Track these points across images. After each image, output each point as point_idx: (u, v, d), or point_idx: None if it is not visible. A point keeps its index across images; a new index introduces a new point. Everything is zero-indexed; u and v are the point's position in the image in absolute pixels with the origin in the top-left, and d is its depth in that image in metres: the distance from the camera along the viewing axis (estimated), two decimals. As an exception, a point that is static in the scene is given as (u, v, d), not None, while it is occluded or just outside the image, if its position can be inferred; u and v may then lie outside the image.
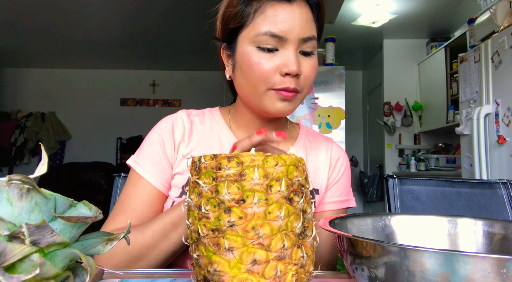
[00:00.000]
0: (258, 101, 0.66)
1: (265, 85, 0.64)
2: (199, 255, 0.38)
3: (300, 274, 0.38)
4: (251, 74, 0.64)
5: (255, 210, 0.36)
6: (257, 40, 0.63)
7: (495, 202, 0.92)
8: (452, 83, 3.82)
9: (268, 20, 0.62)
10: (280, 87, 0.63)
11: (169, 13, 3.71)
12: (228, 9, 0.67)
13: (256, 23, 0.63)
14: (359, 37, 4.34)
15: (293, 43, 0.62)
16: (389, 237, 0.57)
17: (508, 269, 0.32)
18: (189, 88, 5.56)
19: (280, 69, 0.62)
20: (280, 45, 0.63)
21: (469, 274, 0.33)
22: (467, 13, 3.33)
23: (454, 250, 0.54)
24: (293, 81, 0.63)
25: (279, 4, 0.62)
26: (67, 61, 5.25)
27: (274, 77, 0.63)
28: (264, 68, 0.62)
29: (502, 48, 2.27)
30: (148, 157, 0.72)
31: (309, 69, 0.65)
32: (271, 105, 0.65)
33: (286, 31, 0.62)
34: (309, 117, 2.74)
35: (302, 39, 0.63)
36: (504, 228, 0.52)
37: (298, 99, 0.67)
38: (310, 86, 0.68)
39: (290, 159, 0.39)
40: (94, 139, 5.47)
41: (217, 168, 0.37)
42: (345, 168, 0.80)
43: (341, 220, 0.54)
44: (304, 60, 0.65)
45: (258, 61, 0.63)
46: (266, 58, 0.63)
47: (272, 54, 0.63)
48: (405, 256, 0.36)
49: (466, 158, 2.64)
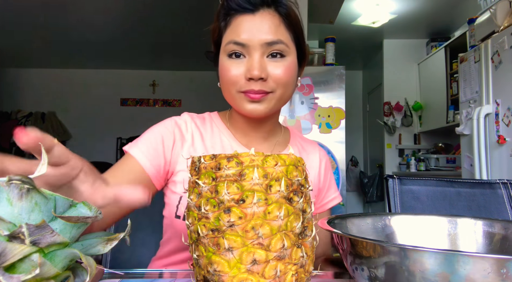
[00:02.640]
0: (233, 104, 0.73)
1: (234, 88, 0.70)
2: (199, 255, 0.38)
3: (300, 274, 0.38)
4: (224, 80, 0.71)
5: (255, 210, 0.36)
6: (226, 49, 0.70)
7: (495, 202, 0.92)
8: (452, 83, 3.82)
9: (233, 31, 0.70)
10: (243, 90, 0.69)
11: (169, 13, 3.71)
12: (212, 25, 0.76)
13: (226, 35, 0.71)
14: (359, 37, 4.34)
15: (256, 49, 0.68)
16: (389, 237, 0.57)
17: (508, 269, 0.32)
18: (189, 88, 5.56)
19: (245, 74, 0.68)
20: (245, 52, 0.69)
21: (469, 274, 0.33)
22: (467, 13, 3.33)
23: (454, 250, 0.54)
24: (258, 84, 0.68)
25: (243, 16, 0.69)
26: (67, 61, 5.25)
27: (240, 82, 0.69)
28: (232, 74, 0.69)
29: (502, 48, 2.27)
30: (145, 141, 0.74)
31: (279, 72, 0.69)
32: (242, 107, 0.71)
33: (248, 39, 0.68)
34: (309, 117, 2.74)
35: (265, 43, 0.68)
36: (504, 228, 0.53)
37: (272, 100, 0.71)
38: (287, 86, 0.71)
39: (290, 158, 0.39)
40: (94, 139, 5.47)
41: (216, 168, 0.37)
42: (329, 168, 0.89)
43: (341, 220, 0.54)
44: (272, 63, 0.69)
45: (228, 68, 0.69)
46: (234, 65, 0.69)
47: (239, 60, 0.69)
48: (405, 256, 0.36)
49: (466, 158, 2.64)
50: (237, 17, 0.70)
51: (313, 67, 2.83)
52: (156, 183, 0.72)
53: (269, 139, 0.82)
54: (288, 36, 0.71)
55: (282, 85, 0.70)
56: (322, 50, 2.92)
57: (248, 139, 0.80)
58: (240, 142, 0.79)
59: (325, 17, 3.43)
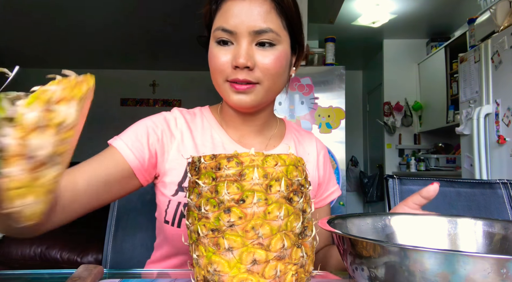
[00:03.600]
0: (221, 94, 0.69)
1: (221, 77, 0.67)
2: (199, 255, 0.38)
3: (300, 273, 0.38)
4: (212, 68, 0.68)
5: (255, 210, 0.36)
6: (215, 35, 0.66)
7: (495, 202, 0.92)
8: (452, 83, 3.81)
9: (222, 16, 0.66)
10: (231, 79, 0.65)
11: (169, 13, 3.71)
12: (205, 7, 0.71)
13: (216, 20, 0.67)
14: (359, 37, 4.34)
15: (244, 37, 0.64)
16: (389, 237, 0.57)
17: (508, 269, 0.32)
18: (189, 88, 5.56)
19: (231, 61, 0.65)
20: (233, 39, 0.65)
21: (469, 274, 0.33)
22: (467, 13, 3.32)
23: (454, 250, 0.54)
24: (244, 73, 0.64)
25: (232, 1, 0.65)
26: (67, 61, 5.25)
27: (227, 70, 0.65)
28: (220, 61, 0.65)
29: (502, 48, 2.27)
30: (129, 133, 0.70)
31: (267, 61, 0.65)
32: (228, 98, 0.67)
33: (236, 25, 0.64)
34: (309, 117, 2.74)
35: (253, 31, 0.64)
36: (504, 228, 0.52)
37: (259, 91, 0.67)
38: (275, 77, 0.67)
39: (290, 158, 0.38)
40: (94, 139, 5.47)
41: (216, 168, 0.37)
42: (328, 160, 0.85)
43: (341, 220, 0.54)
44: (260, 52, 0.65)
45: (216, 55, 0.66)
46: (222, 52, 0.66)
47: (227, 47, 0.66)
48: (405, 256, 0.36)
49: (466, 158, 2.64)
50: (227, 1, 0.66)
51: (313, 67, 2.83)
52: (140, 176, 0.68)
53: (263, 133, 0.78)
54: (280, 23, 0.66)
55: (270, 76, 0.66)
56: (322, 50, 2.92)
57: (241, 134, 0.76)
58: (232, 137, 0.76)
59: (325, 17, 3.43)
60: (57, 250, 2.45)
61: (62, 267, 2.38)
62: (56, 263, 2.40)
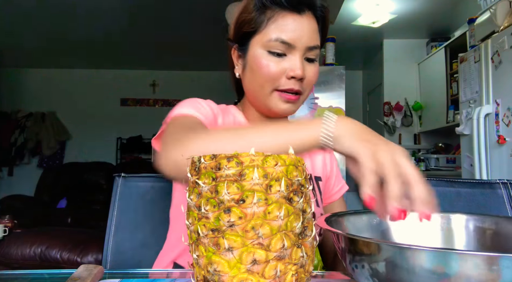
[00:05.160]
0: (263, 100, 0.73)
1: (271, 86, 0.70)
2: (199, 255, 0.38)
3: (300, 273, 0.38)
4: (260, 75, 0.70)
5: (255, 210, 0.36)
6: (268, 45, 0.69)
7: (495, 202, 0.92)
8: (452, 83, 3.81)
9: (279, 29, 0.69)
10: (284, 88, 0.70)
11: (169, 13, 3.72)
12: (243, 14, 0.73)
13: (269, 30, 0.70)
14: (359, 37, 4.34)
15: (300, 50, 0.69)
16: (384, 233, 0.59)
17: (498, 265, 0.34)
18: (189, 88, 5.55)
19: (287, 72, 0.69)
20: (288, 51, 0.69)
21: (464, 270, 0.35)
22: (467, 13, 3.32)
23: (450, 248, 0.55)
24: (298, 83, 0.70)
25: (291, 15, 0.69)
26: (67, 61, 5.25)
27: (280, 79, 0.70)
28: (272, 71, 0.69)
29: (502, 48, 2.27)
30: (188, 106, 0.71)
31: (312, 74, 0.72)
32: (275, 106, 0.72)
33: (295, 39, 0.69)
34: (309, 117, 2.74)
35: (307, 47, 0.70)
36: (495, 223, 0.54)
37: (300, 101, 0.74)
38: (311, 89, 0.75)
39: (290, 158, 0.39)
40: (94, 139, 5.47)
41: (216, 168, 0.37)
42: (333, 156, 0.91)
43: (337, 218, 0.56)
44: (308, 66, 0.72)
45: (267, 64, 0.69)
46: (275, 62, 0.69)
47: (280, 58, 0.70)
48: (403, 254, 0.38)
49: (466, 158, 2.64)
50: (284, 15, 0.69)
51: (313, 67, 2.83)
52: None
53: None
54: (319, 40, 0.74)
55: (309, 87, 0.74)
56: (322, 50, 2.92)
57: None
58: None
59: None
60: (57, 250, 2.45)
61: (62, 267, 2.38)
62: (56, 263, 2.40)
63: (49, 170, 4.96)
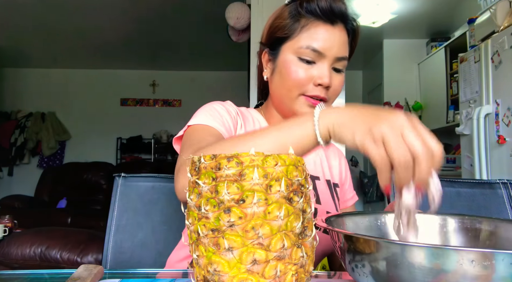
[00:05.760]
0: (289, 103, 0.75)
1: (298, 90, 0.73)
2: (199, 255, 0.38)
3: (300, 273, 0.38)
4: (288, 79, 0.73)
5: (255, 210, 0.36)
6: (299, 52, 0.73)
7: (495, 202, 0.92)
8: (452, 83, 3.81)
9: (312, 37, 0.72)
10: (311, 94, 0.73)
11: (169, 13, 3.71)
12: (277, 20, 0.77)
13: (301, 37, 0.73)
14: (359, 37, 4.34)
15: (329, 60, 0.72)
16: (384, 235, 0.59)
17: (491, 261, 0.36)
18: (189, 88, 5.56)
19: (314, 80, 0.72)
20: (318, 60, 0.72)
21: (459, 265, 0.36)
22: (467, 13, 3.32)
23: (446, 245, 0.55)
24: (324, 91, 0.73)
25: (324, 25, 0.73)
26: (67, 61, 5.25)
27: (307, 85, 0.73)
28: (301, 76, 0.72)
29: (502, 48, 2.27)
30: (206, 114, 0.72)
31: (338, 84, 0.75)
32: (300, 109, 0.74)
33: (325, 49, 0.72)
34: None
35: (336, 58, 0.73)
36: (490, 224, 0.56)
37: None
38: (335, 98, 0.78)
39: (290, 158, 0.39)
40: (94, 139, 5.47)
41: (216, 168, 0.37)
42: (347, 166, 0.96)
43: (336, 218, 0.56)
44: (335, 76, 0.75)
45: (296, 70, 0.73)
46: (304, 68, 0.72)
47: (309, 65, 0.73)
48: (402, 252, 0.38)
49: (466, 158, 2.64)
50: (318, 25, 0.72)
51: (313, 67, 2.83)
52: None
53: None
54: (348, 52, 0.77)
55: (335, 96, 0.77)
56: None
57: None
58: None
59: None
60: (57, 250, 2.45)
61: (62, 267, 2.38)
62: (56, 263, 2.40)
63: (49, 170, 4.96)
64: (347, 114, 0.49)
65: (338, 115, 0.49)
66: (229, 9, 2.79)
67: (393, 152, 0.42)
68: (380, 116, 0.45)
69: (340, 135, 0.48)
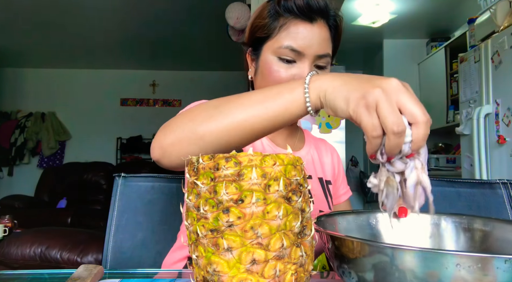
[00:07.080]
0: None
1: None
2: (198, 256, 0.38)
3: (299, 273, 0.38)
4: (270, 80, 0.73)
5: (254, 210, 0.36)
6: (279, 52, 0.72)
7: (495, 202, 0.92)
8: (452, 83, 3.81)
9: (290, 36, 0.71)
10: None
11: (170, 13, 3.72)
12: (257, 20, 0.76)
13: (280, 37, 0.72)
14: (359, 37, 4.34)
15: (309, 58, 0.71)
16: (376, 235, 0.59)
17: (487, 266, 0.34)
18: (189, 88, 5.56)
19: (295, 79, 0.71)
20: (298, 59, 0.71)
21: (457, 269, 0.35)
22: (467, 13, 3.32)
23: (442, 249, 0.55)
24: None
25: (302, 23, 0.71)
26: (67, 61, 5.25)
27: None
28: (281, 76, 0.71)
29: (502, 48, 2.27)
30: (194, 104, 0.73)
31: None
32: None
33: (305, 47, 0.70)
34: (309, 117, 2.74)
35: (317, 55, 0.72)
36: (484, 224, 0.55)
37: None
38: None
39: (288, 158, 0.39)
40: (94, 139, 5.47)
41: (215, 168, 0.37)
42: (340, 161, 0.96)
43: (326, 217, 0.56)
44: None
45: (277, 70, 0.72)
46: (284, 68, 0.72)
47: (290, 65, 0.72)
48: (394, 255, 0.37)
49: (466, 158, 2.64)
50: (296, 23, 0.71)
51: (313, 67, 2.83)
52: None
53: (291, 136, 0.87)
54: (331, 49, 0.75)
55: None
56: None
57: (273, 135, 0.84)
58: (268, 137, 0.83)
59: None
60: (57, 250, 2.45)
61: (62, 267, 2.38)
62: (56, 263, 2.40)
63: (49, 170, 4.96)
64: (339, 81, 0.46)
65: (331, 82, 0.47)
66: (229, 9, 2.79)
67: (387, 119, 0.40)
68: (374, 82, 0.43)
69: (333, 103, 0.46)
